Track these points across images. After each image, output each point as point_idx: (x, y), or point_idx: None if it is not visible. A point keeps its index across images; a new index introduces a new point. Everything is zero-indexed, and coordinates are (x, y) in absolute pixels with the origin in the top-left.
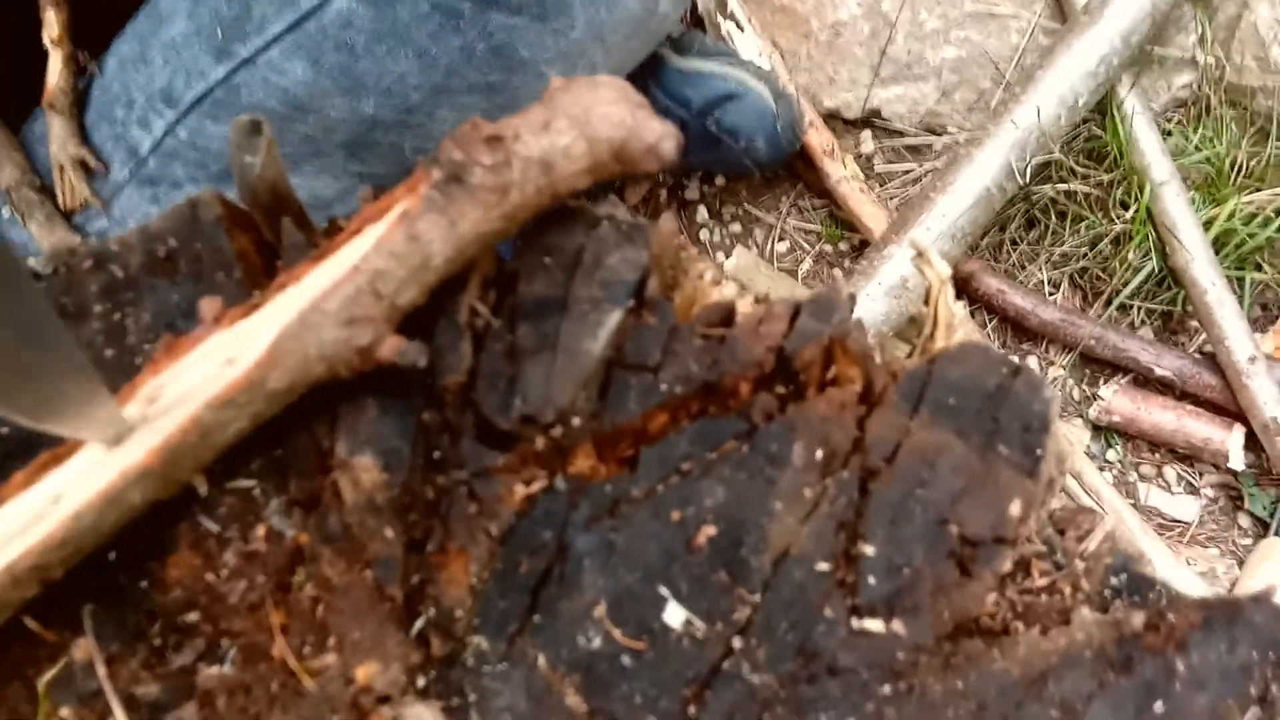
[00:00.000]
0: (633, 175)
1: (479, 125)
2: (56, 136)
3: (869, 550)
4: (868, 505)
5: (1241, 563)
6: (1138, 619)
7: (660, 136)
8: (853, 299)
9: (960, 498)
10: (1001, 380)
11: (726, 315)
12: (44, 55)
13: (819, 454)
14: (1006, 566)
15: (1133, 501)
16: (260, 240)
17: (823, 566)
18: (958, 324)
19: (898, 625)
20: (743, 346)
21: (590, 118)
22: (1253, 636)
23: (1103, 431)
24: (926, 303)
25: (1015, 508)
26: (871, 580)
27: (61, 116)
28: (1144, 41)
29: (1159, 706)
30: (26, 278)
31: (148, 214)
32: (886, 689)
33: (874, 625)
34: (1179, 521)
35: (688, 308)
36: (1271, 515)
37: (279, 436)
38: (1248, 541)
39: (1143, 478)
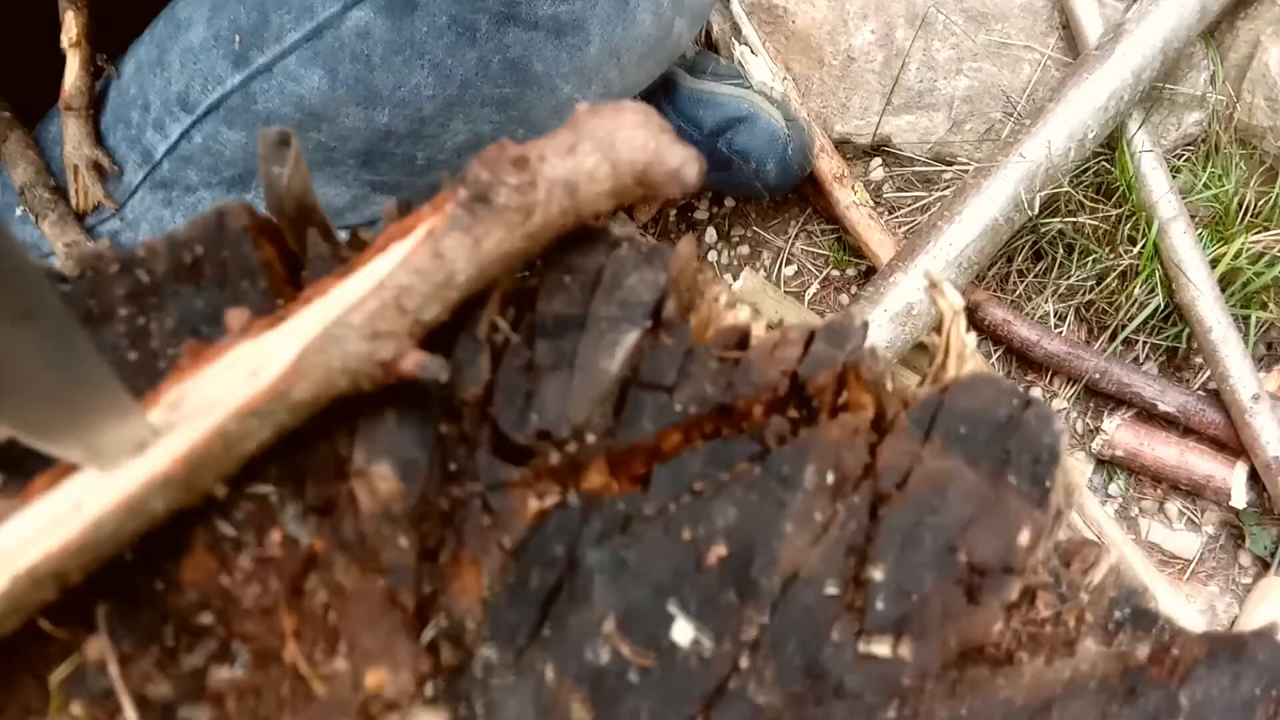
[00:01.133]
0: (654, 199)
1: (506, 146)
2: (71, 138)
3: (878, 574)
4: (878, 530)
5: (1241, 601)
6: (1143, 651)
7: (683, 161)
8: (866, 327)
9: (970, 526)
10: (1012, 411)
11: (742, 338)
12: (61, 57)
13: (831, 478)
14: (1014, 596)
15: (1134, 536)
16: (285, 250)
17: (832, 589)
18: (969, 354)
19: (904, 650)
20: (757, 370)
21: (615, 141)
22: (1256, 672)
23: (1105, 465)
24: (939, 332)
25: (1024, 538)
26: (880, 604)
27: (77, 118)
28: (1155, 79)
29: None
30: (62, 306)
31: (160, 217)
32: (891, 713)
33: (881, 649)
34: (1179, 557)
35: (704, 330)
36: (1272, 554)
37: (298, 444)
38: (1248, 579)
39: (1144, 512)
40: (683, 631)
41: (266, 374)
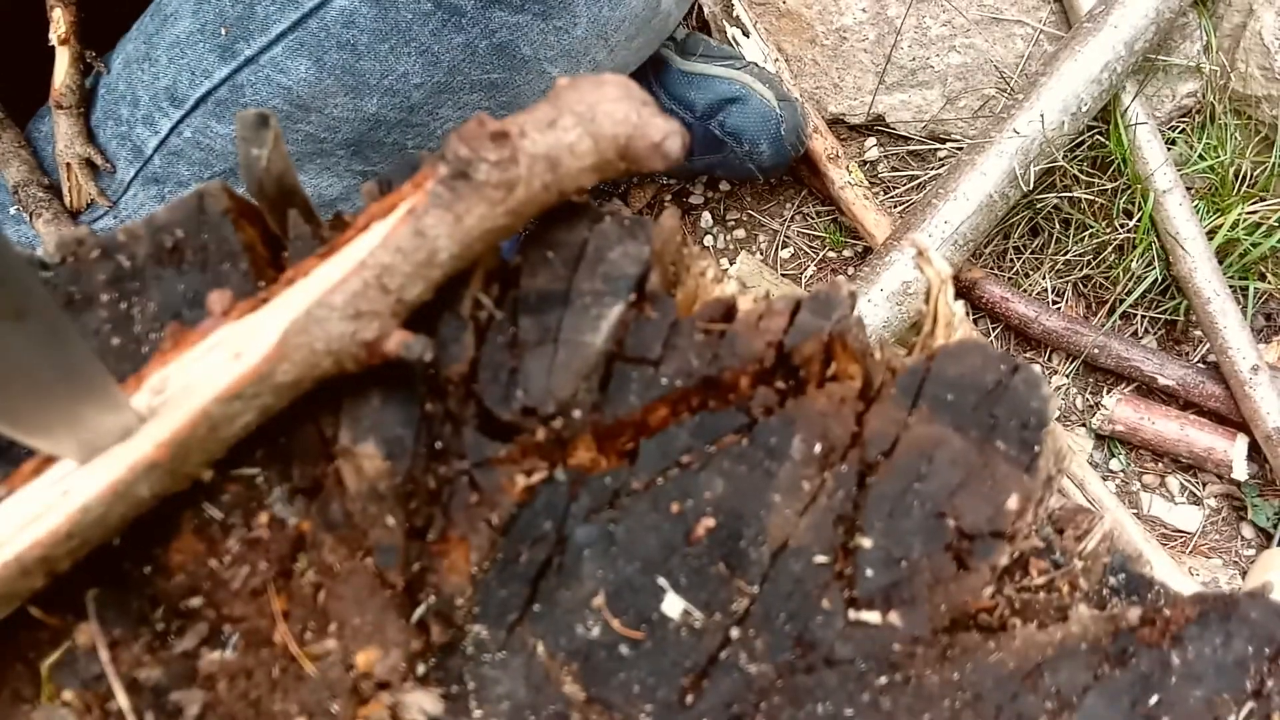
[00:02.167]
0: (639, 173)
1: (485, 121)
2: (63, 135)
3: (866, 543)
4: (866, 498)
5: (1244, 573)
6: (1134, 613)
7: (666, 134)
8: (853, 296)
9: (957, 492)
10: (1000, 377)
11: (727, 311)
12: (51, 54)
13: (818, 448)
14: (1003, 561)
15: (1135, 511)
16: (266, 232)
17: (821, 559)
18: (957, 323)
19: (894, 617)
20: (743, 341)
21: (596, 115)
22: (1249, 632)
23: (1106, 441)
24: (926, 301)
25: (1012, 503)
26: (869, 572)
27: (68, 115)
28: (1148, 49)
29: (1154, 699)
30: (53, 303)
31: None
32: (883, 680)
33: (871, 617)
34: (1182, 532)
35: (689, 303)
36: (1274, 526)
37: (283, 425)
38: (1250, 552)
39: (1146, 487)
40: (673, 604)
41: (249, 356)
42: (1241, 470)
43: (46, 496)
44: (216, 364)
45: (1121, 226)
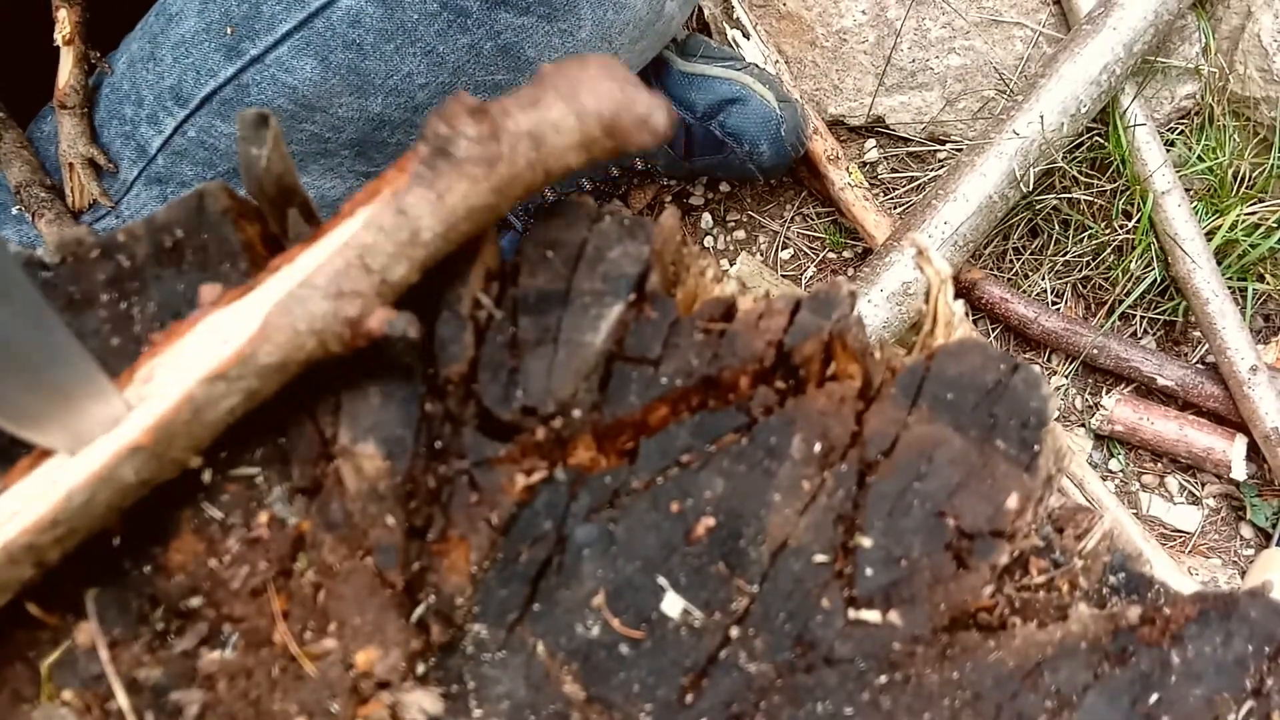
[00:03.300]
0: (628, 152)
1: (463, 98)
2: (66, 135)
3: (866, 542)
4: (865, 498)
5: (1243, 573)
6: (1134, 612)
7: (651, 108)
8: (853, 296)
9: (957, 491)
10: (999, 376)
11: (727, 310)
12: (54, 54)
13: (818, 447)
14: (1003, 560)
15: (1135, 511)
16: (266, 232)
17: (820, 558)
18: (957, 322)
19: (894, 616)
20: (743, 341)
21: (579, 92)
22: (1248, 630)
23: (1105, 441)
24: (926, 301)
25: (1012, 502)
26: (869, 572)
27: (72, 115)
28: (1147, 51)
29: (1154, 698)
30: (33, 288)
31: None
32: (883, 679)
33: (871, 616)
34: (1181, 531)
35: (689, 303)
36: (1273, 526)
37: (282, 424)
38: (1249, 552)
39: (1145, 488)
40: (672, 604)
41: (235, 340)
42: (1240, 470)
43: (34, 488)
44: (203, 350)
45: (1121, 227)
